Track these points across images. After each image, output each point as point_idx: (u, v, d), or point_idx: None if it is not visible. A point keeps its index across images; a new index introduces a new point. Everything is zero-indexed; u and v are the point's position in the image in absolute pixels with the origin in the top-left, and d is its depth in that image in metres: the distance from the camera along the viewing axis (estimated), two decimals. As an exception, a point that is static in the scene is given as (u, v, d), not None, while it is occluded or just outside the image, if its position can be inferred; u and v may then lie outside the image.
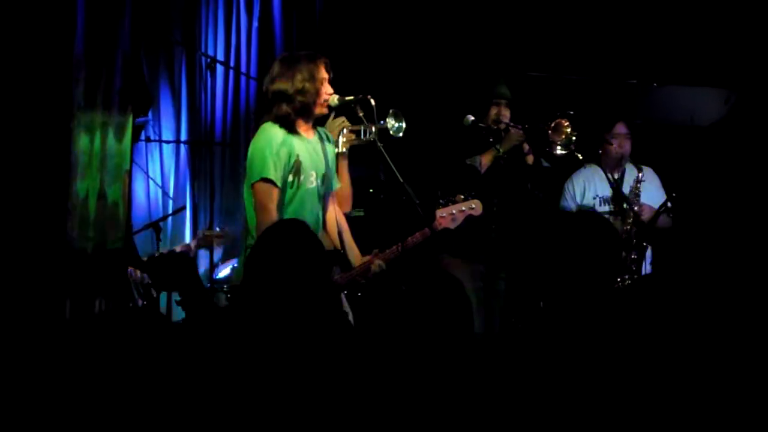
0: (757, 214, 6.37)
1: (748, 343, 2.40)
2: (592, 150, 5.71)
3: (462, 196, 4.71)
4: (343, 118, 4.80)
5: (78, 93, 4.21)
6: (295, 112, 4.48)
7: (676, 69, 6.98)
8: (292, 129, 4.48)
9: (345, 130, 4.80)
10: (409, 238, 4.66)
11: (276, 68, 4.55)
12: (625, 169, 5.90)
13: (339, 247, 4.68)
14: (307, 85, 4.47)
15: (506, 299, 5.65)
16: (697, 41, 6.89)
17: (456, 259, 5.45)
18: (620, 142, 5.89)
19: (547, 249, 2.88)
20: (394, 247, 4.66)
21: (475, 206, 4.73)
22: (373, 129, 4.72)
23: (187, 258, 3.18)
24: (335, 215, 4.74)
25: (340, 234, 4.70)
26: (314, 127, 4.64)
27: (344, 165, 4.86)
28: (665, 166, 6.15)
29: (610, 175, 5.78)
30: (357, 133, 4.81)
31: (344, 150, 4.82)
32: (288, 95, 4.46)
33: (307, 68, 4.48)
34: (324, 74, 4.52)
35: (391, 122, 4.73)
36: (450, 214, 4.69)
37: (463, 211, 4.70)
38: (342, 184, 4.83)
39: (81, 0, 4.34)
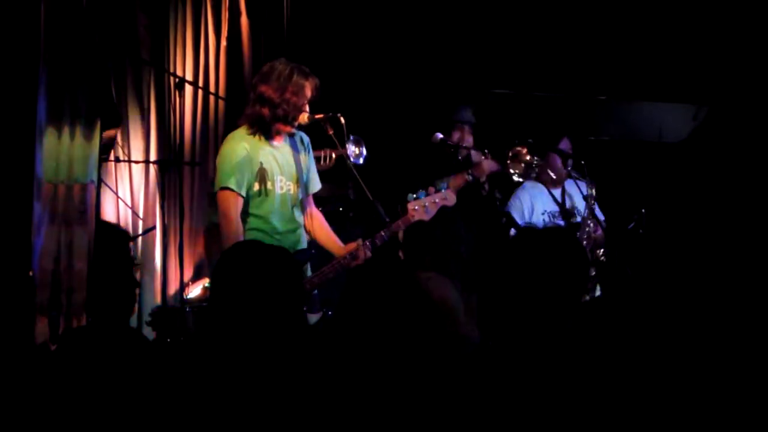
0: (726, 229, 6.41)
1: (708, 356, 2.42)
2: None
3: (434, 189, 4.69)
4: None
5: (41, 110, 4.18)
6: (273, 120, 4.51)
7: (645, 85, 7.04)
8: (258, 133, 4.52)
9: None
10: (393, 224, 4.64)
11: (270, 71, 4.57)
12: (565, 183, 5.91)
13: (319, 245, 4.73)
14: (294, 99, 4.50)
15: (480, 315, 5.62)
16: (665, 58, 6.95)
17: (429, 273, 5.38)
18: (564, 158, 5.90)
19: (516, 264, 2.88)
20: (381, 232, 4.63)
21: (447, 197, 4.71)
22: (333, 155, 4.74)
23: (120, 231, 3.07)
24: (312, 213, 4.75)
25: (316, 232, 4.76)
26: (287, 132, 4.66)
27: None
28: (633, 181, 6.19)
29: (553, 192, 5.82)
30: (318, 158, 4.83)
31: None
32: (273, 102, 4.49)
33: (299, 83, 4.53)
34: (310, 94, 4.55)
35: (351, 148, 4.74)
36: (422, 206, 4.66)
37: (436, 202, 4.68)
38: None
39: (43, 18, 4.29)
